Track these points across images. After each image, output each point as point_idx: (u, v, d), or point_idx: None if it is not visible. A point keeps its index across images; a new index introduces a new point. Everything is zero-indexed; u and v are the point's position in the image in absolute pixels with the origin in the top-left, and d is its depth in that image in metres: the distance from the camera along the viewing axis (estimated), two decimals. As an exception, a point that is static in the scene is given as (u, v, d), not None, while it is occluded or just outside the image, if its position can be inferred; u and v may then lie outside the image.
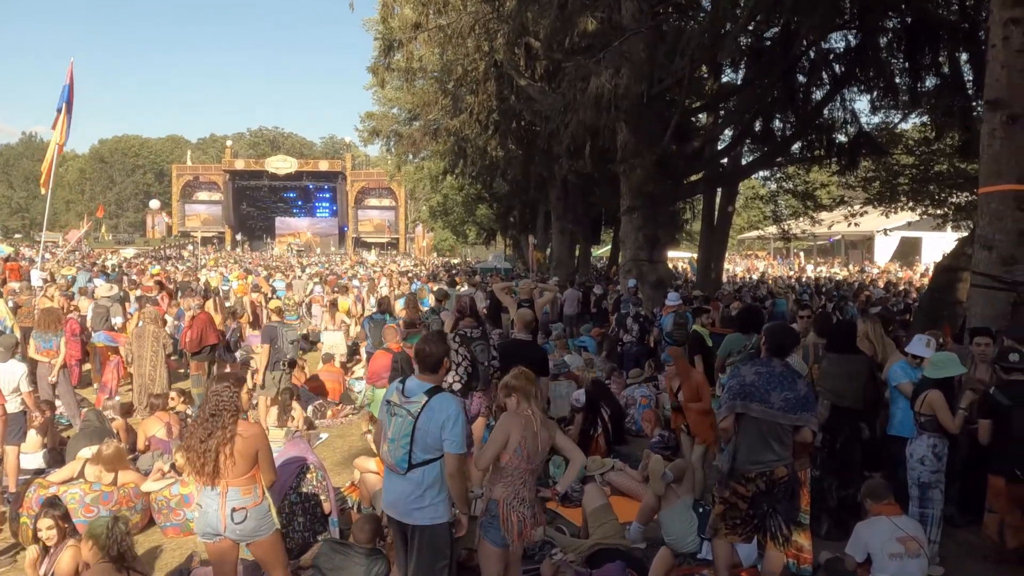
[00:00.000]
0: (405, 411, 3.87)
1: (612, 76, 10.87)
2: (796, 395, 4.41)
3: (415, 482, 3.85)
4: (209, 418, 4.02)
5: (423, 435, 3.82)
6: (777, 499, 4.42)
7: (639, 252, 14.06)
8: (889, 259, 40.17)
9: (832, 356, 5.97)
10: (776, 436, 4.41)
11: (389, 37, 18.66)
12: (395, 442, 3.88)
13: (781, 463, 4.43)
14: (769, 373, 4.49)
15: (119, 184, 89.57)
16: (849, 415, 5.74)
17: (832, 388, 5.80)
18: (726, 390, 4.67)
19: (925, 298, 12.28)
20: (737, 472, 4.49)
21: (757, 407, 4.41)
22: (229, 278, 23.97)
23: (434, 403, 3.84)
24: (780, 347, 4.69)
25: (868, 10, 12.42)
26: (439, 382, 4.07)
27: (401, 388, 4.01)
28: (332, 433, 9.29)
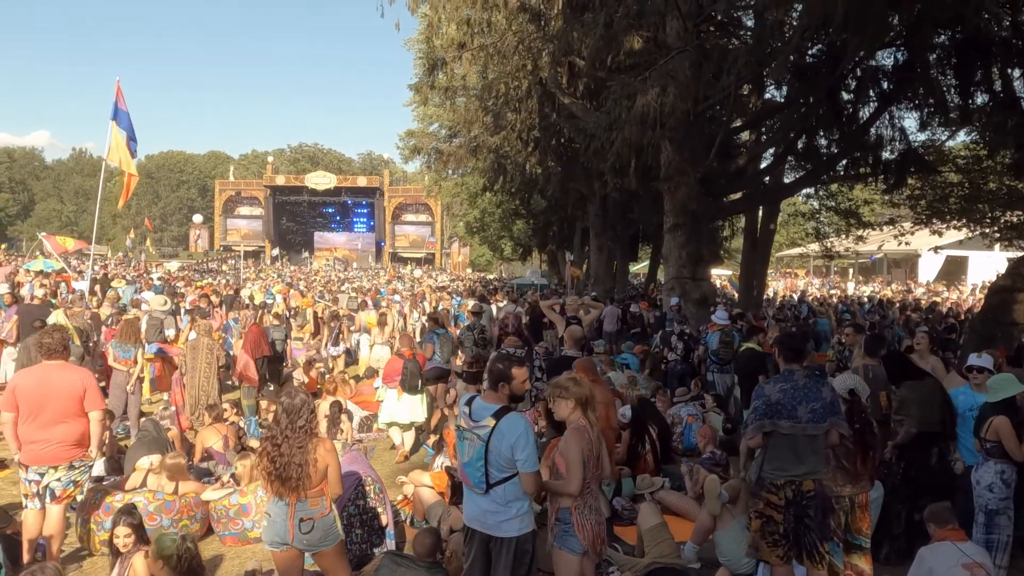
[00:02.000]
0: (475, 435, 3.95)
1: (658, 94, 10.90)
2: (823, 403, 4.47)
3: (497, 499, 3.93)
4: (297, 430, 4.14)
5: (496, 456, 3.88)
6: (807, 513, 4.43)
7: (682, 270, 13.99)
8: (934, 278, 39.33)
9: (907, 383, 5.92)
10: (806, 447, 4.47)
11: (432, 56, 18.93)
12: (471, 465, 3.96)
13: (810, 476, 4.47)
14: (793, 388, 4.52)
15: (164, 199, 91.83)
16: (927, 440, 5.68)
17: (912, 414, 5.75)
18: (752, 410, 4.70)
19: (978, 319, 12.03)
20: (766, 481, 4.53)
21: (786, 424, 4.46)
22: (272, 291, 24.40)
23: (503, 425, 3.90)
24: (795, 352, 4.71)
25: (917, 27, 12.26)
26: (505, 401, 4.08)
27: (468, 412, 4.06)
28: (380, 446, 9.40)
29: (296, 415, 4.20)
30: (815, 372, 6.52)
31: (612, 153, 11.61)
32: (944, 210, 17.03)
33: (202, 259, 58.79)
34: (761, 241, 20.21)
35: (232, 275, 39.50)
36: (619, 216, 24.77)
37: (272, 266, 56.65)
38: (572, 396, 4.08)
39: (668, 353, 11.63)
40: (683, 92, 11.07)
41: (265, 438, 4.29)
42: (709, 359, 10.91)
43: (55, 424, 5.19)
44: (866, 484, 5.18)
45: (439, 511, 5.92)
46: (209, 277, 34.56)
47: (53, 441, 5.20)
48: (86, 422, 5.31)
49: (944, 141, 17.03)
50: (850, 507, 5.13)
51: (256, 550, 5.88)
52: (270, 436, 4.22)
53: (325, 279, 37.36)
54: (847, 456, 5.04)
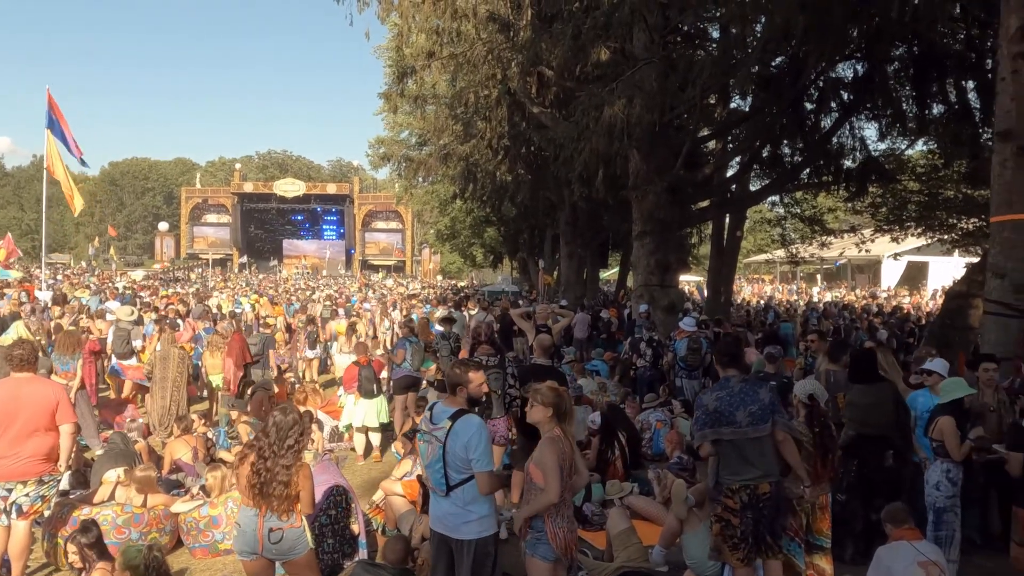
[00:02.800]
0: (433, 437, 4.06)
1: (625, 105, 11.09)
2: (760, 405, 4.55)
3: (457, 501, 4.01)
4: (285, 449, 4.17)
5: (453, 457, 3.99)
6: (762, 513, 4.54)
7: (651, 277, 14.20)
8: (896, 283, 40.23)
9: (857, 386, 6.07)
10: (753, 450, 4.55)
11: (402, 65, 18.99)
12: (431, 467, 4.07)
13: (765, 479, 4.56)
14: (729, 394, 4.62)
15: (129, 207, 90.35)
16: (875, 442, 5.83)
17: (857, 416, 5.90)
18: (695, 420, 4.81)
19: (936, 324, 12.38)
20: (723, 486, 4.64)
21: (727, 430, 4.56)
22: (241, 301, 24.14)
23: (457, 426, 4.01)
24: (732, 356, 4.83)
25: (876, 40, 12.64)
26: (463, 404, 4.20)
27: (429, 415, 4.17)
28: (351, 456, 9.39)
29: (286, 433, 4.22)
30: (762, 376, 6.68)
31: (580, 163, 11.78)
32: (903, 217, 17.49)
33: (168, 267, 57.87)
34: (728, 248, 20.52)
35: (200, 284, 39.02)
36: (589, 224, 24.98)
37: (240, 274, 55.99)
38: (550, 404, 4.14)
39: (637, 359, 11.78)
40: (650, 103, 11.26)
41: (250, 446, 4.27)
42: (677, 365, 11.09)
43: (26, 438, 5.12)
44: (826, 486, 5.33)
45: (410, 519, 5.95)
46: (176, 286, 34.07)
47: (23, 456, 5.12)
48: (56, 436, 5.26)
49: (904, 150, 17.53)
50: (811, 508, 5.27)
51: (227, 562, 5.86)
52: (258, 448, 4.21)
53: (295, 287, 37.05)
54: (807, 459, 5.18)
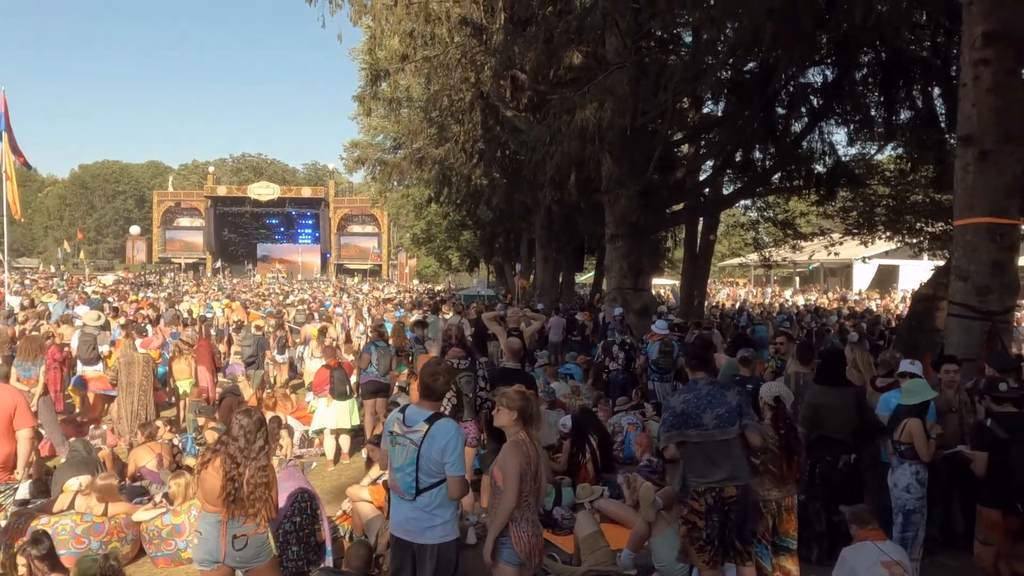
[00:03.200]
0: (408, 440, 4.01)
1: (596, 109, 11.13)
2: (728, 408, 4.58)
3: (424, 505, 3.98)
4: (257, 452, 4.13)
5: (427, 461, 3.96)
6: (728, 516, 4.57)
7: (623, 280, 14.24)
8: (867, 287, 40.81)
9: (817, 388, 6.10)
10: (719, 453, 4.58)
11: (376, 67, 18.90)
12: (401, 470, 4.01)
13: (730, 482, 4.58)
14: (696, 396, 4.65)
15: (99, 210, 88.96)
16: (833, 444, 5.86)
17: (813, 418, 5.93)
18: (662, 422, 4.84)
19: (904, 326, 12.54)
20: (689, 488, 4.67)
21: (693, 432, 4.58)
22: (213, 305, 23.87)
23: (435, 430, 3.99)
24: (701, 359, 4.86)
25: (844, 46, 12.82)
26: (439, 408, 4.22)
27: (401, 418, 4.12)
28: (320, 462, 9.29)
29: (255, 436, 4.18)
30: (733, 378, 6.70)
31: (552, 166, 11.80)
32: (873, 221, 17.73)
33: (138, 272, 57.03)
34: (701, 251, 20.68)
35: (172, 288, 38.49)
36: (564, 227, 25.02)
37: (213, 279, 55.35)
38: (515, 408, 4.13)
39: (610, 363, 11.80)
40: (621, 107, 11.31)
41: (213, 452, 4.19)
42: (650, 368, 11.11)
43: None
44: (792, 488, 5.36)
45: (377, 525, 5.89)
46: (147, 291, 33.57)
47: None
48: (13, 443, 5.13)
49: (873, 155, 17.79)
50: (777, 510, 5.30)
51: (190, 571, 5.75)
52: (227, 454, 4.13)
53: (268, 291, 36.69)
54: (773, 461, 5.21)
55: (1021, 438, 5.27)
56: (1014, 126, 7.49)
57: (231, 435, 4.15)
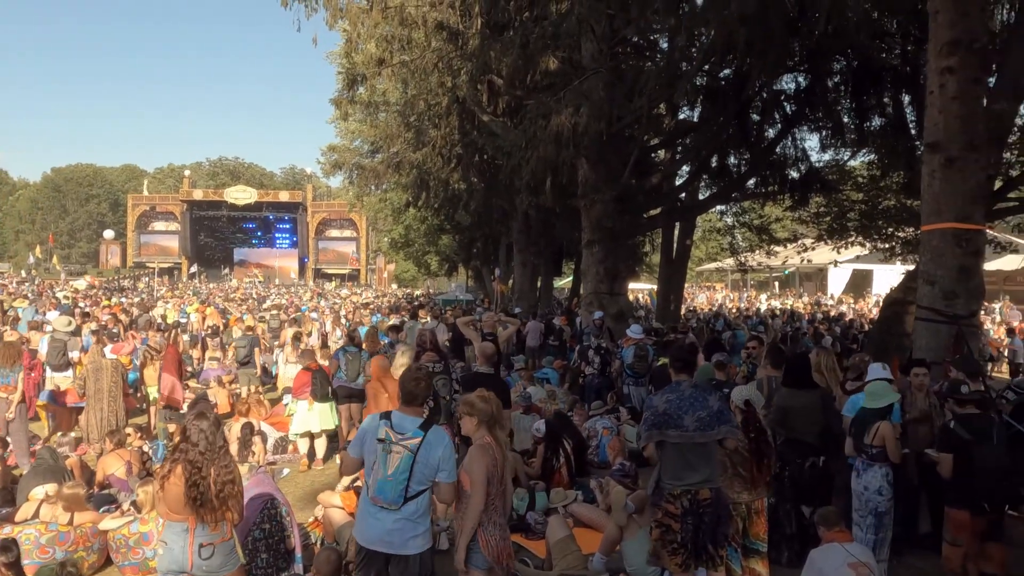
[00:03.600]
0: (403, 447, 3.98)
1: (572, 114, 11.18)
2: (709, 412, 4.62)
3: (409, 514, 3.97)
4: (218, 452, 4.10)
5: (421, 468, 3.97)
6: (702, 519, 4.59)
7: (600, 285, 14.30)
8: (842, 291, 41.28)
9: (785, 391, 6.17)
10: (697, 456, 4.61)
11: (353, 72, 18.83)
12: (392, 479, 3.96)
13: (705, 485, 4.62)
14: (679, 398, 4.69)
15: (72, 213, 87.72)
16: (801, 446, 5.92)
17: (782, 421, 5.99)
18: (643, 421, 4.86)
19: (875, 330, 12.72)
20: (663, 491, 4.69)
21: (673, 433, 4.61)
22: (187, 310, 23.61)
23: (431, 437, 4.02)
24: (685, 363, 4.91)
25: (816, 54, 13.00)
26: (423, 414, 4.23)
27: (390, 424, 4.07)
28: (293, 468, 9.22)
29: (213, 436, 4.14)
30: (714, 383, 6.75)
31: (528, 171, 11.82)
32: (845, 226, 17.96)
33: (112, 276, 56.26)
34: (678, 256, 20.82)
35: (146, 293, 38.01)
36: (542, 232, 25.08)
37: (189, 283, 54.75)
38: (476, 413, 4.15)
39: (585, 367, 11.83)
40: (597, 112, 11.36)
41: (180, 460, 4.13)
42: (625, 373, 11.17)
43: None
44: (763, 491, 5.41)
45: (348, 532, 5.83)
46: (121, 296, 33.11)
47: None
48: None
49: (847, 161, 18.04)
50: (747, 513, 5.34)
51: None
52: (189, 459, 4.07)
53: (245, 296, 36.37)
54: (743, 464, 5.26)
55: (984, 439, 5.37)
56: (978, 134, 7.63)
57: (190, 441, 4.11)
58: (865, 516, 5.62)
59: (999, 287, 33.18)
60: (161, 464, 4.17)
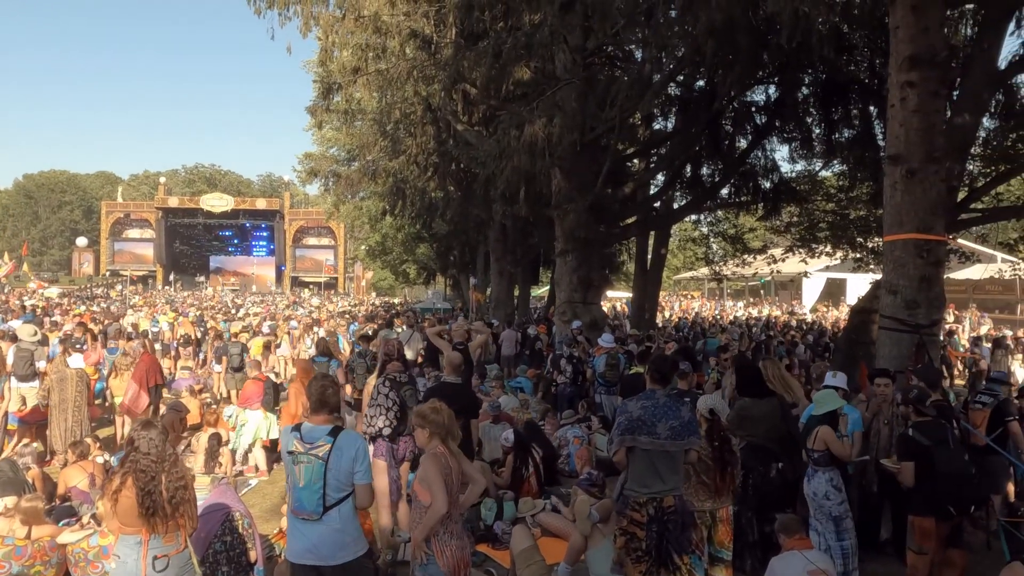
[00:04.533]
0: (312, 456, 3.98)
1: (545, 124, 11.24)
2: (681, 422, 4.67)
3: (332, 523, 3.96)
4: (167, 459, 4.06)
5: (335, 475, 3.96)
6: (667, 527, 4.62)
7: (573, 294, 14.35)
8: (816, 299, 41.77)
9: (743, 400, 6.24)
10: (665, 465, 4.65)
11: (328, 80, 18.78)
12: (307, 488, 3.96)
13: (670, 493, 4.66)
14: (654, 405, 4.73)
15: (44, 220, 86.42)
16: (763, 453, 5.98)
17: (743, 428, 6.05)
18: (616, 425, 4.88)
19: (843, 339, 12.87)
20: (629, 500, 4.71)
21: (645, 439, 4.64)
22: (159, 319, 23.31)
23: (341, 442, 4.02)
24: (663, 375, 4.96)
25: (785, 66, 13.19)
26: (335, 421, 4.23)
27: (299, 436, 4.08)
28: (262, 480, 9.12)
29: (161, 445, 4.11)
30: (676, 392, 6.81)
31: (502, 181, 11.86)
32: (816, 236, 18.19)
33: (85, 284, 55.46)
34: (652, 265, 20.94)
35: (119, 302, 37.51)
36: (519, 241, 25.12)
37: (162, 291, 54.11)
38: (428, 425, 4.17)
39: (557, 376, 11.85)
40: (570, 122, 11.44)
41: (130, 471, 4.08)
42: (596, 381, 11.20)
43: None
44: (727, 499, 5.45)
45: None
46: (92, 304, 32.65)
47: None
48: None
49: (817, 172, 18.29)
50: (712, 521, 5.39)
51: (117, 594, 5.59)
52: (140, 469, 4.03)
53: (219, 304, 35.99)
54: (707, 472, 5.30)
55: (942, 442, 5.44)
56: (939, 146, 7.79)
57: (140, 451, 4.07)
58: (821, 520, 5.68)
59: (968, 296, 33.77)
60: (110, 478, 4.11)
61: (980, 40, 10.52)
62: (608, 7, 9.13)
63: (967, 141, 10.67)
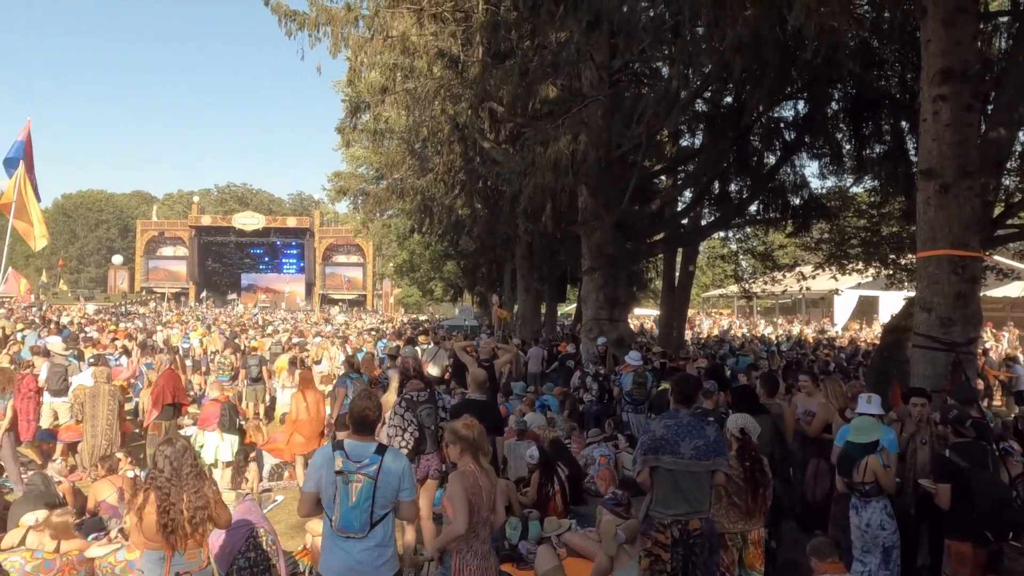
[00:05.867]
0: (363, 475, 3.98)
1: (570, 141, 11.23)
2: (706, 442, 4.58)
3: (376, 540, 3.97)
4: (184, 477, 4.08)
5: (383, 492, 3.98)
6: (693, 551, 4.53)
7: (600, 312, 14.26)
8: (848, 317, 41.03)
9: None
10: (690, 485, 4.57)
11: (356, 100, 19.02)
12: (357, 507, 3.94)
13: (696, 515, 4.57)
14: (677, 424, 4.66)
15: (82, 239, 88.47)
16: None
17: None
18: (639, 445, 4.81)
19: (876, 357, 12.61)
20: (654, 520, 4.63)
21: (668, 459, 4.57)
22: (190, 335, 23.66)
23: (388, 460, 4.03)
24: (686, 396, 4.88)
25: (814, 82, 13.05)
26: (375, 439, 4.26)
27: (344, 454, 4.05)
28: (288, 495, 9.14)
29: (180, 462, 4.12)
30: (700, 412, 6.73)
31: (525, 198, 11.87)
32: (847, 252, 17.89)
33: (119, 301, 56.48)
34: (680, 283, 20.76)
35: (152, 318, 38.11)
36: (546, 258, 25.07)
37: (196, 308, 54.91)
38: (459, 441, 4.16)
39: (584, 394, 11.76)
40: (595, 139, 11.43)
41: (148, 489, 4.12)
42: (623, 399, 11.09)
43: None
44: (759, 520, 5.33)
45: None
46: (127, 321, 33.22)
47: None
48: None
49: (849, 187, 18.03)
50: (743, 543, 5.27)
51: (142, 609, 5.61)
52: (158, 487, 4.07)
53: (252, 322, 36.42)
54: (738, 493, 5.20)
55: (980, 464, 5.28)
56: (972, 160, 7.63)
57: (157, 467, 4.10)
58: (871, 551, 5.48)
59: (1006, 313, 32.96)
60: (135, 494, 4.14)
61: (1015, 53, 10.33)
62: (634, 26, 9.13)
63: (1002, 155, 10.45)
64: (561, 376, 15.84)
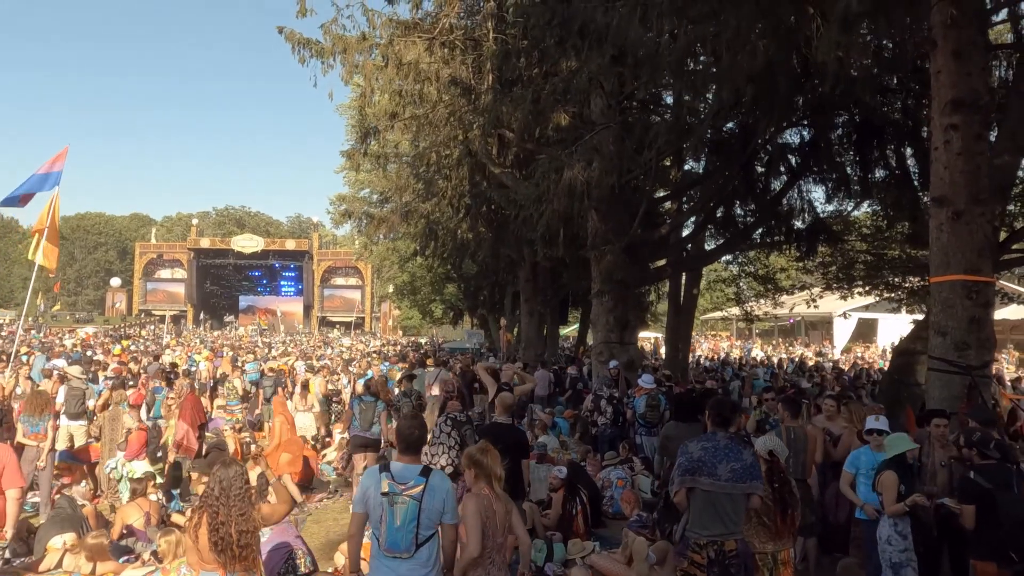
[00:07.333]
0: (408, 497, 4.07)
1: (584, 168, 11.41)
2: (743, 465, 4.69)
3: (422, 560, 4.05)
4: (232, 499, 4.14)
5: (428, 514, 4.06)
6: (729, 571, 4.62)
7: (610, 334, 14.38)
8: (848, 340, 41.22)
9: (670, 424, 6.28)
10: (727, 507, 4.66)
11: (365, 125, 19.23)
12: (403, 528, 4.03)
13: (731, 536, 4.66)
14: (715, 447, 4.76)
15: (80, 261, 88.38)
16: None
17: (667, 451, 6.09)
18: (676, 466, 4.91)
19: (885, 380, 12.74)
20: (689, 540, 4.72)
21: (706, 480, 4.67)
22: (195, 358, 23.67)
23: (434, 482, 4.12)
24: (723, 419, 5.00)
25: (819, 109, 13.31)
26: (421, 461, 4.36)
27: (391, 476, 4.15)
28: (316, 516, 9.19)
29: (230, 483, 4.20)
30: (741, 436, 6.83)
31: (542, 224, 12.03)
32: (852, 276, 18.08)
33: (118, 324, 56.40)
34: (685, 306, 20.91)
35: (151, 340, 38.09)
36: (549, 281, 25.22)
37: (195, 331, 54.85)
38: (474, 466, 4.29)
39: (598, 417, 11.83)
40: (608, 165, 11.61)
41: (202, 508, 4.21)
42: (637, 422, 11.17)
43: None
44: (788, 541, 5.43)
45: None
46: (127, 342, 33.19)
47: (-37, 521, 4.95)
48: (3, 500, 5.10)
49: (851, 211, 18.26)
50: (773, 564, 5.35)
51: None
52: (208, 507, 4.16)
53: (251, 345, 36.42)
54: (767, 514, 5.29)
55: (1005, 486, 5.38)
56: (983, 188, 7.83)
57: (209, 487, 4.21)
58: (885, 570, 5.59)
59: (1006, 336, 33.24)
60: (190, 515, 4.24)
61: (1016, 82, 10.60)
62: (658, 60, 9.36)
63: (1007, 181, 10.68)
64: (571, 399, 15.92)
